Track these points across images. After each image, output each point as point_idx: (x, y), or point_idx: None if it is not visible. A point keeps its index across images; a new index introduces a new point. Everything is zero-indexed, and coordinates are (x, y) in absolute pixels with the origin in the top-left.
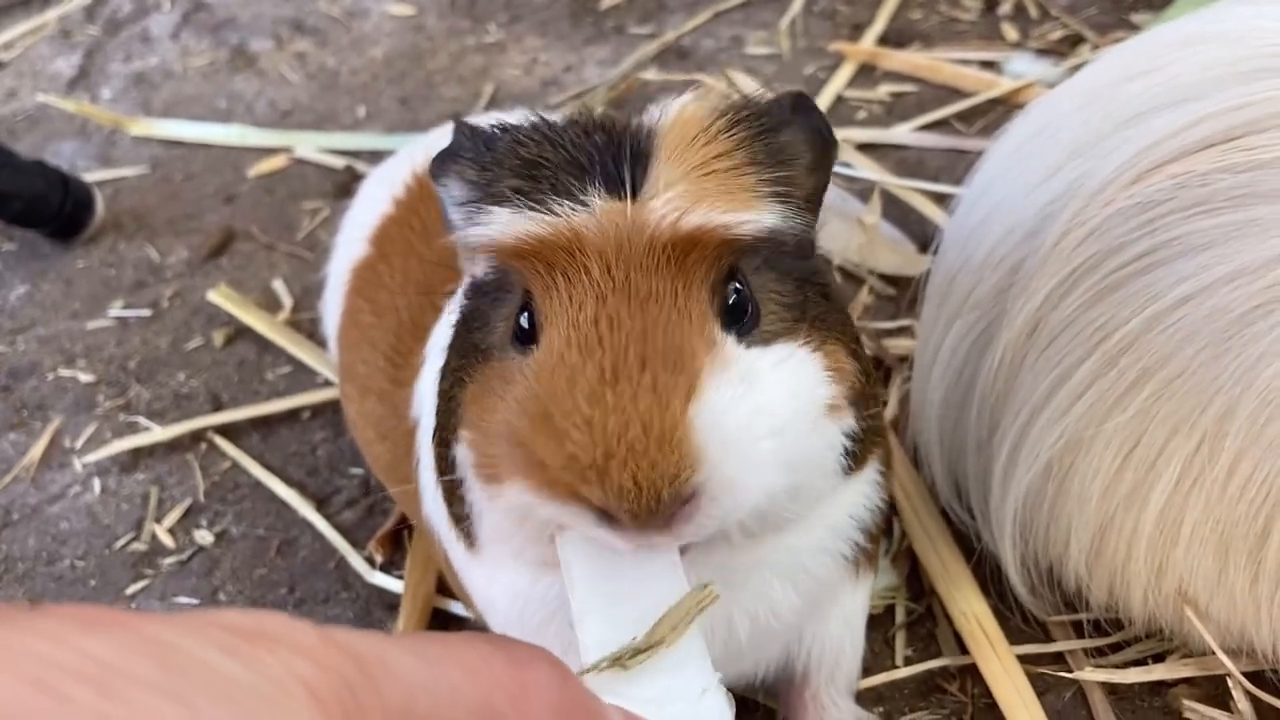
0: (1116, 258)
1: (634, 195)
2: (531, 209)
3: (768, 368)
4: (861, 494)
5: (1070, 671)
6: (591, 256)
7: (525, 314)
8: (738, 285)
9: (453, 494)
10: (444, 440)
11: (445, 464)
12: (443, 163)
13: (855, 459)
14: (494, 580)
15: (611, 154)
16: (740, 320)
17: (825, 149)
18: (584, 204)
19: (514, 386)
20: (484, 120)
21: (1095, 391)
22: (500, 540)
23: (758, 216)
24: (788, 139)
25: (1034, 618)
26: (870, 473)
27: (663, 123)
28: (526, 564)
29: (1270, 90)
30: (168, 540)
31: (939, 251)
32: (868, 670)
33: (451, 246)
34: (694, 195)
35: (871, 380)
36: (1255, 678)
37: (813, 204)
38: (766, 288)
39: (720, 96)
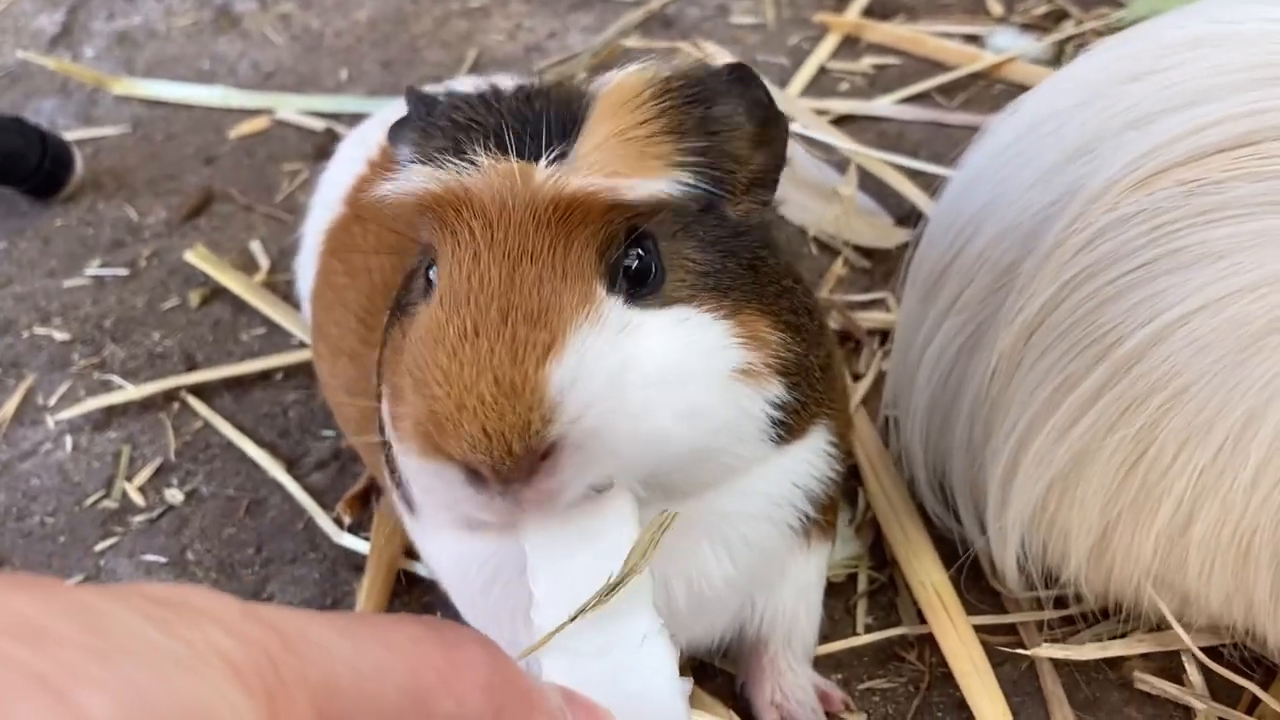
0: (1120, 265)
1: (538, 159)
2: (432, 166)
3: (656, 327)
4: (807, 464)
5: (1027, 645)
6: (476, 214)
7: (431, 270)
8: (640, 251)
9: (389, 456)
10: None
11: (382, 426)
12: (397, 129)
13: (789, 429)
14: (435, 543)
15: (543, 120)
16: (641, 284)
17: (768, 121)
18: (473, 163)
19: (408, 343)
20: (438, 88)
21: (1104, 402)
22: (430, 509)
23: (656, 184)
24: (723, 111)
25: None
26: (817, 443)
27: (601, 91)
28: (455, 526)
29: None
30: (138, 498)
31: (923, 241)
32: (827, 637)
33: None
34: (595, 161)
35: (816, 353)
36: (1212, 653)
37: (762, 180)
38: (680, 253)
39: (669, 67)
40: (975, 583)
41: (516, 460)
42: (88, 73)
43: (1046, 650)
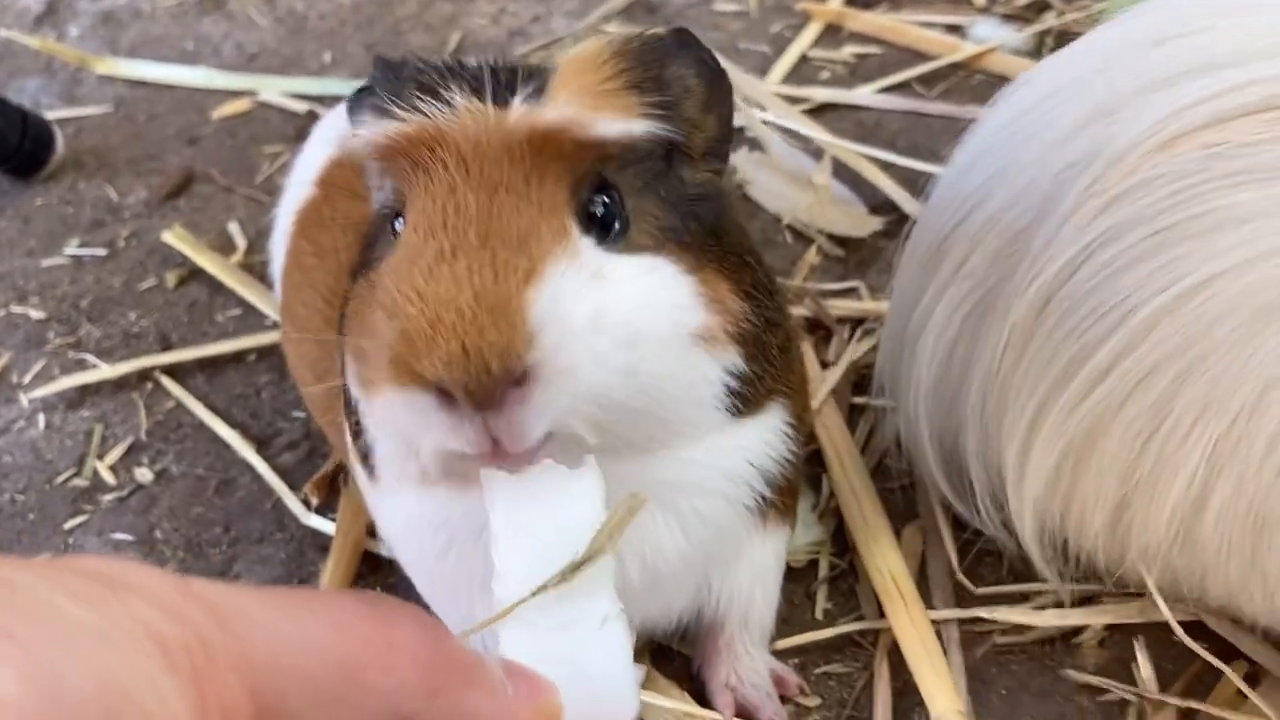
0: (1141, 229)
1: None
2: (402, 110)
3: (627, 273)
4: (763, 442)
5: (987, 636)
6: (450, 151)
7: (399, 219)
8: (606, 199)
9: (356, 426)
10: (343, 369)
11: (347, 395)
12: (358, 97)
13: (745, 402)
14: (395, 510)
15: (513, 76)
16: (607, 232)
17: (715, 81)
18: (448, 103)
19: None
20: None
21: (1119, 372)
22: (391, 464)
23: (623, 124)
24: (674, 72)
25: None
26: (774, 422)
27: (563, 60)
28: (415, 483)
29: None
30: (109, 477)
31: (923, 215)
32: (787, 623)
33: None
34: (565, 103)
35: (775, 332)
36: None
37: (715, 150)
38: (644, 209)
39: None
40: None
41: (493, 381)
42: (71, 52)
43: (1004, 613)
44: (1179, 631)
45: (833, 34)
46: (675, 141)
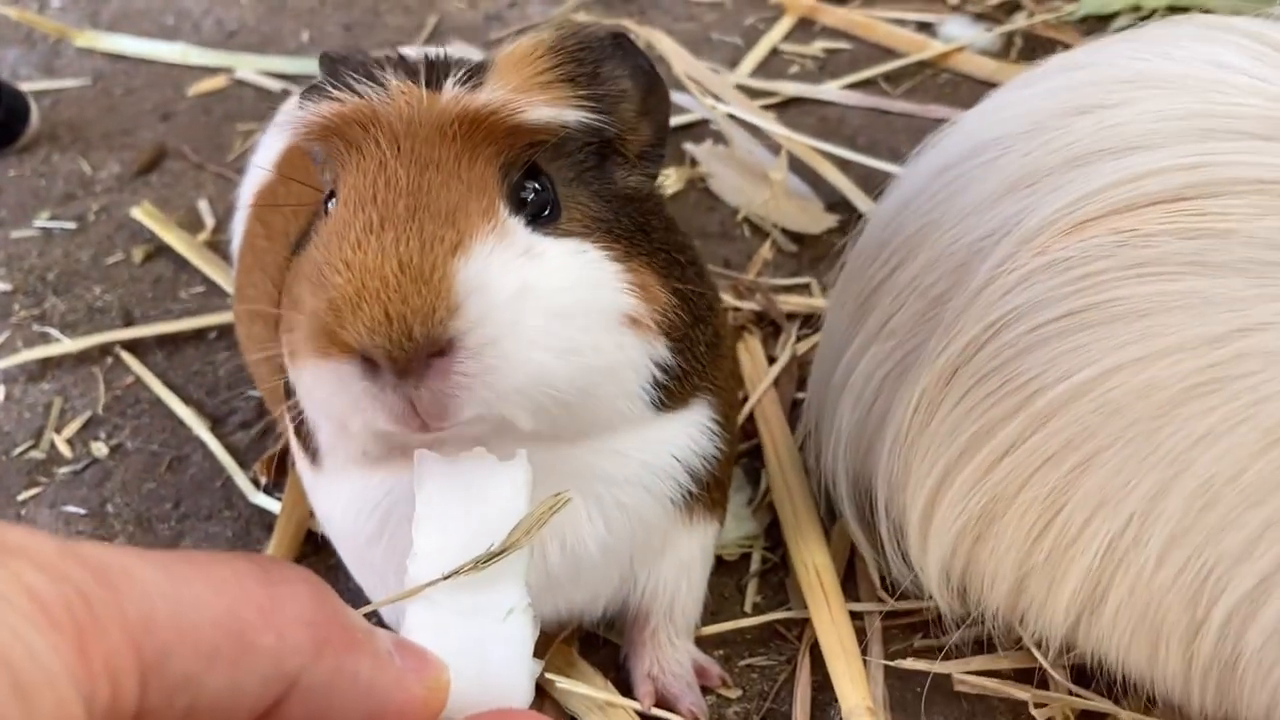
0: (1045, 312)
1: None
2: (338, 91)
3: (556, 253)
4: (688, 437)
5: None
6: (382, 130)
7: (333, 199)
8: (538, 185)
9: (297, 411)
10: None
11: (288, 385)
12: (308, 92)
13: (670, 395)
14: (330, 494)
15: (449, 66)
16: (537, 217)
17: (650, 87)
18: (381, 85)
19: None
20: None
21: (1017, 456)
22: (333, 447)
23: (555, 110)
24: (610, 71)
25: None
26: (700, 418)
27: (500, 53)
28: (355, 464)
29: (1227, 154)
30: (65, 450)
31: (855, 255)
32: (716, 614)
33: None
34: (498, 89)
35: (703, 329)
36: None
37: (649, 154)
38: (575, 198)
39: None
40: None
41: (416, 347)
42: (51, 24)
43: (911, 664)
44: (1063, 680)
45: (806, 28)
46: (609, 142)
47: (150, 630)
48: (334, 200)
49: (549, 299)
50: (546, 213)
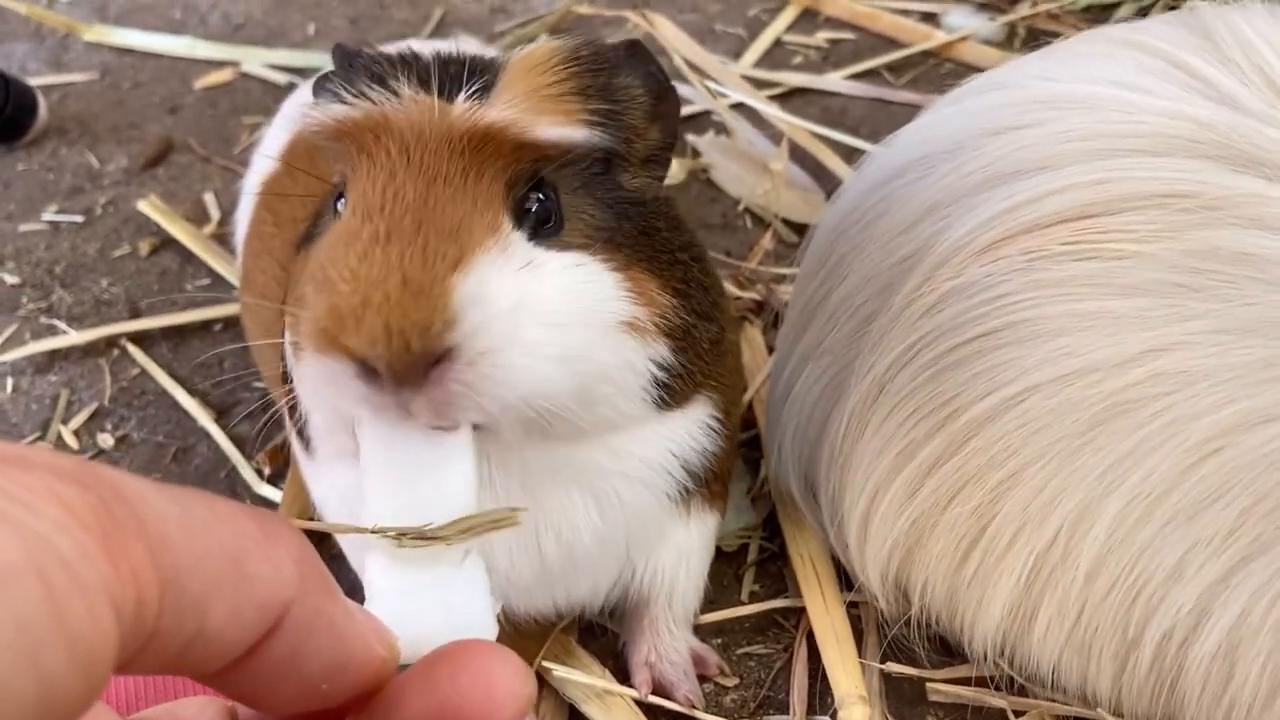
0: (961, 333)
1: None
2: (352, 96)
3: (555, 266)
4: (687, 434)
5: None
6: (394, 139)
7: (342, 199)
8: (542, 196)
9: (294, 400)
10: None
11: (287, 372)
12: (319, 84)
13: (672, 394)
14: (326, 484)
15: (461, 72)
16: (541, 228)
17: (662, 94)
18: (395, 93)
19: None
20: (398, 46)
21: (943, 474)
22: (325, 436)
23: (564, 129)
24: (622, 82)
25: None
26: (699, 415)
27: (512, 59)
28: (347, 457)
29: (1125, 170)
30: (72, 441)
31: (800, 270)
32: (715, 603)
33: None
34: (509, 104)
35: (707, 326)
36: None
37: (657, 157)
38: (579, 208)
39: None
40: None
41: (413, 359)
42: (58, 18)
43: (891, 667)
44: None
45: (809, 18)
46: (616, 148)
47: (166, 547)
48: (343, 200)
49: (546, 311)
50: (551, 223)
